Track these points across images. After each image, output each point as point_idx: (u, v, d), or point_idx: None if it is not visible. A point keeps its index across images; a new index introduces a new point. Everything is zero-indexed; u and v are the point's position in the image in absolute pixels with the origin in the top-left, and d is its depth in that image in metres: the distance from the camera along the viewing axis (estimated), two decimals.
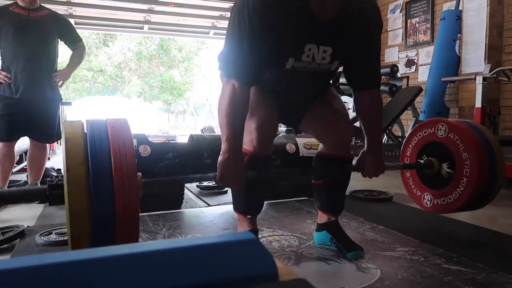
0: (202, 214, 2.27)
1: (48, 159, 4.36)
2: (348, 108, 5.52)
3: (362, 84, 1.48)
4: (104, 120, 0.97)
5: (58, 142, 6.32)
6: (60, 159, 5.09)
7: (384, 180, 3.51)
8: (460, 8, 4.19)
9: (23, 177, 3.11)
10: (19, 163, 3.88)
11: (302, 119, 1.60)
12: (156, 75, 20.37)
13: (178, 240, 0.37)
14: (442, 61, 4.18)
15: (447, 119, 1.75)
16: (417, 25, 5.07)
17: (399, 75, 4.85)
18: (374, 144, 1.52)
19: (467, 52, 4.10)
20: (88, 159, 0.87)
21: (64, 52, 2.99)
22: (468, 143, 1.47)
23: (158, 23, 6.58)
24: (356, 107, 1.53)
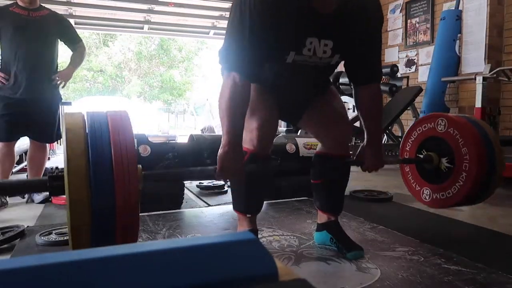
0: (202, 214, 2.27)
1: (48, 159, 4.36)
2: (348, 108, 5.55)
3: (362, 78, 1.48)
4: (104, 112, 0.97)
5: (58, 142, 6.32)
6: (60, 159, 5.10)
7: (384, 180, 3.51)
8: (460, 8, 4.19)
9: (23, 177, 3.11)
10: (19, 163, 3.88)
11: (302, 116, 1.60)
12: (156, 75, 20.37)
13: (178, 240, 0.37)
14: (442, 61, 4.19)
15: (447, 114, 1.74)
16: (417, 25, 5.07)
17: (399, 75, 4.85)
18: (374, 139, 1.53)
19: (467, 52, 4.10)
20: (89, 150, 0.87)
21: (64, 52, 2.99)
22: (467, 138, 1.47)
23: (158, 23, 6.58)
24: (356, 102, 1.53)
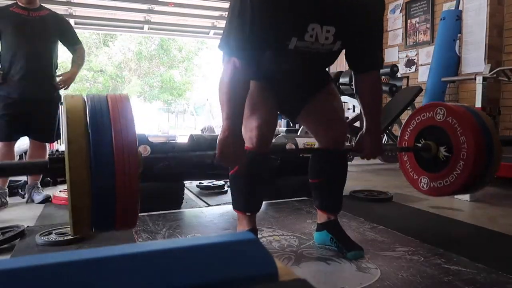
0: (202, 214, 2.27)
1: None
2: (348, 108, 5.55)
3: (363, 66, 1.48)
4: (104, 95, 0.98)
5: (58, 142, 6.31)
6: None
7: (384, 180, 3.50)
8: (460, 8, 4.19)
9: (23, 177, 3.10)
10: None
11: (301, 111, 1.61)
12: (156, 75, 20.35)
13: (178, 240, 0.37)
14: (442, 61, 4.19)
15: (445, 103, 1.74)
16: (417, 25, 5.07)
17: (399, 75, 4.85)
18: (373, 127, 1.53)
19: (467, 52, 4.10)
20: (89, 131, 0.87)
21: (64, 53, 2.99)
22: (465, 127, 1.47)
23: (158, 23, 6.58)
24: (356, 89, 1.53)
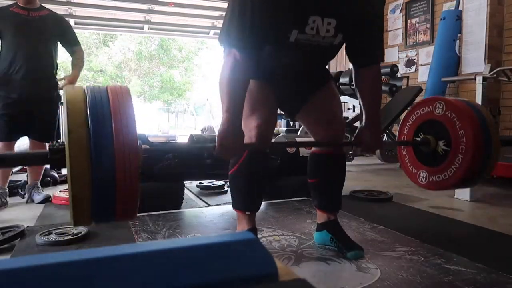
0: (202, 214, 2.27)
1: None
2: (348, 108, 5.55)
3: (363, 60, 1.48)
4: (105, 86, 0.98)
5: (57, 142, 6.30)
6: None
7: (384, 180, 3.50)
8: (460, 8, 4.19)
9: (23, 177, 3.11)
10: None
11: (300, 110, 1.61)
12: (156, 75, 20.34)
13: (178, 240, 0.37)
14: (442, 61, 4.18)
15: (445, 97, 1.74)
16: (417, 25, 5.07)
17: (399, 75, 4.85)
18: (372, 120, 1.53)
19: (467, 52, 4.10)
20: (89, 121, 0.88)
21: (64, 53, 2.98)
22: (464, 121, 1.47)
23: (158, 23, 6.58)
24: (356, 83, 1.53)
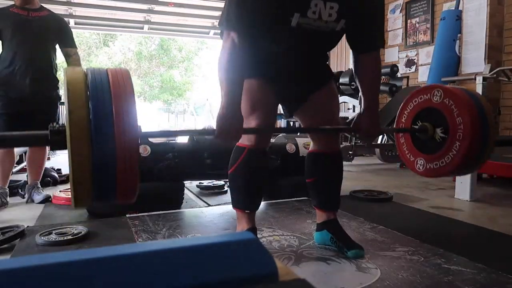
0: (202, 214, 2.27)
1: (48, 159, 4.36)
2: (348, 108, 5.54)
3: (363, 46, 1.48)
4: (105, 68, 0.98)
5: None
6: (60, 159, 5.09)
7: (384, 180, 3.50)
8: (460, 8, 4.19)
9: (23, 177, 3.11)
10: (19, 163, 3.87)
11: (300, 107, 1.60)
12: (156, 75, 20.34)
13: (178, 240, 0.37)
14: (442, 61, 4.18)
15: (443, 85, 1.75)
16: (417, 25, 5.07)
17: (399, 75, 4.85)
18: (370, 107, 1.53)
19: (467, 52, 4.10)
20: (89, 102, 0.88)
21: None
22: (462, 108, 1.48)
23: (158, 23, 6.58)
24: (355, 70, 1.53)
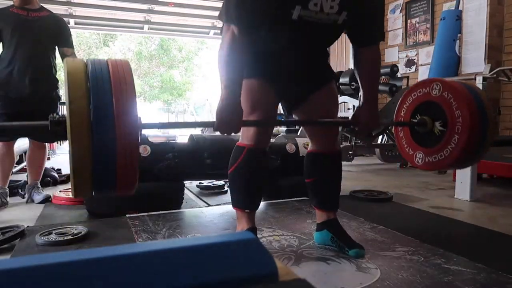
0: (202, 214, 2.27)
1: (48, 159, 4.36)
2: (348, 108, 5.54)
3: (364, 40, 1.48)
4: (105, 59, 0.99)
5: (57, 142, 6.31)
6: (60, 159, 5.09)
7: (384, 180, 3.50)
8: (460, 8, 4.19)
9: (23, 177, 3.11)
10: (19, 163, 3.87)
11: (300, 105, 1.60)
12: (156, 75, 20.34)
13: (178, 240, 0.37)
14: (442, 61, 4.18)
15: (442, 78, 1.75)
16: (417, 25, 5.07)
17: (399, 75, 4.85)
18: (370, 99, 1.53)
19: (467, 52, 4.10)
20: (90, 92, 0.88)
21: None
22: (461, 101, 1.48)
23: (158, 23, 6.58)
24: (354, 63, 1.54)
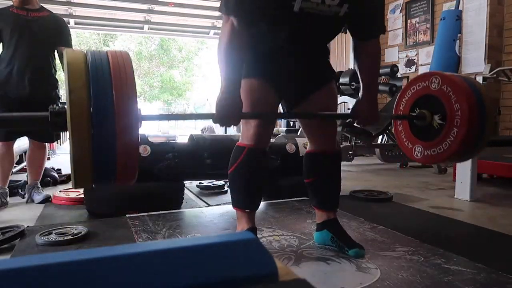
0: (202, 214, 2.27)
1: (48, 159, 4.36)
2: (348, 108, 5.54)
3: (364, 33, 1.48)
4: (105, 51, 0.99)
5: (57, 142, 6.31)
6: (60, 159, 5.09)
7: (384, 180, 3.50)
8: (460, 8, 4.19)
9: (23, 177, 3.11)
10: (19, 163, 3.87)
11: (299, 105, 1.60)
12: (156, 75, 20.35)
13: (178, 240, 0.37)
14: (442, 61, 4.18)
15: (441, 71, 1.75)
16: (417, 25, 5.07)
17: (399, 75, 4.85)
18: (369, 93, 1.53)
19: (467, 52, 4.10)
20: (90, 82, 0.88)
21: None
22: (460, 95, 1.48)
23: (158, 23, 6.58)
24: (355, 56, 1.53)
